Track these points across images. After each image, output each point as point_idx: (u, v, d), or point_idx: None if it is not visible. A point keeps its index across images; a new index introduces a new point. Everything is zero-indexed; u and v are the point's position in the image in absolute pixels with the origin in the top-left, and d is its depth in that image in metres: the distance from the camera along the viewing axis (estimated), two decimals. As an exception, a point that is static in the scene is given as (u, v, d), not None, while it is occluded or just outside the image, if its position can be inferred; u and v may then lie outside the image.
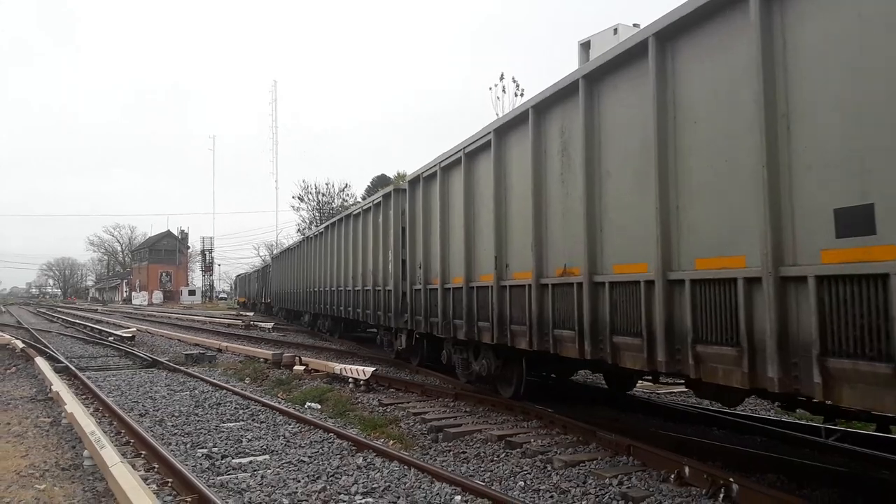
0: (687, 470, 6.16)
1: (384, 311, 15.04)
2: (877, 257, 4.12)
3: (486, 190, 9.58)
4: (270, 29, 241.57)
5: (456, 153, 10.61)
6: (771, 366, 4.81)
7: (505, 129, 9.14)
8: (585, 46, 43.48)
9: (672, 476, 6.22)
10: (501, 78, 36.93)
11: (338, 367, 13.23)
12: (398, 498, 5.96)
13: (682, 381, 8.31)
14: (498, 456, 7.44)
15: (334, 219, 22.54)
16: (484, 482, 6.40)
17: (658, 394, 11.31)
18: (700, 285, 5.56)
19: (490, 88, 40.26)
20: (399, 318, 13.86)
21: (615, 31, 41.62)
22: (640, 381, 10.87)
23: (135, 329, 26.80)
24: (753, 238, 5.00)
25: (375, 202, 16.23)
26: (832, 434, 7.53)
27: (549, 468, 6.84)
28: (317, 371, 14.18)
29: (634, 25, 41.19)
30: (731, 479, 5.73)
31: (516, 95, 34.28)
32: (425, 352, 13.85)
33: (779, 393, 4.88)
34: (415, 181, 12.80)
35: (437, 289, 11.37)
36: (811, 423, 8.18)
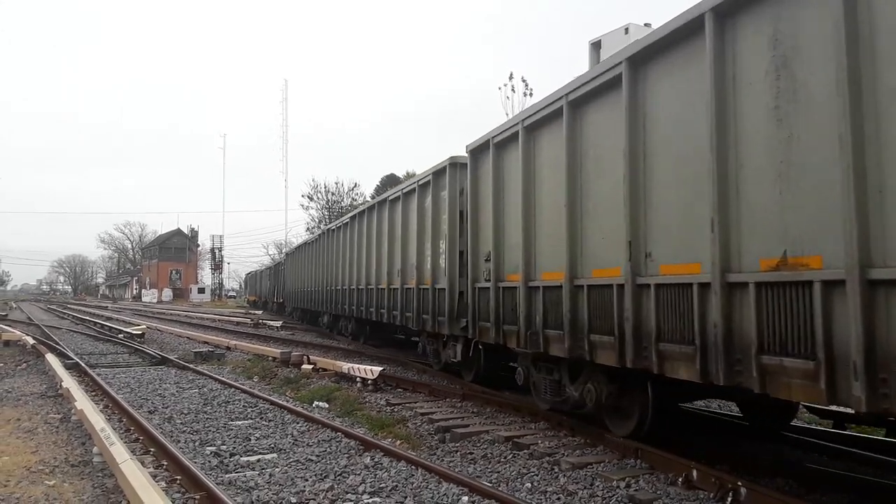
0: (695, 473, 6.14)
1: (432, 314, 12.53)
2: None
3: (602, 151, 7.15)
4: (281, 27, 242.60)
5: (552, 103, 8.01)
6: None
7: (651, 53, 6.39)
8: (596, 46, 43.63)
9: (680, 479, 6.20)
10: (511, 77, 36.95)
11: (346, 366, 13.26)
12: (405, 498, 5.97)
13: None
14: (505, 457, 7.43)
15: (362, 207, 20.19)
16: (491, 483, 6.40)
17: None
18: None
19: (500, 88, 40.31)
20: (454, 323, 11.60)
21: (626, 30, 41.78)
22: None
23: (144, 326, 26.92)
24: None
25: (422, 181, 13.41)
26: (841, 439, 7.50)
27: (556, 470, 6.83)
28: (325, 370, 14.21)
29: (646, 25, 41.24)
30: (740, 483, 5.71)
31: (525, 95, 34.28)
32: (482, 365, 11.59)
33: None
34: (481, 150, 10.24)
35: (515, 287, 8.92)
36: (819, 427, 8.14)
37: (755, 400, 6.68)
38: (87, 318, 37.13)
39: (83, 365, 14.88)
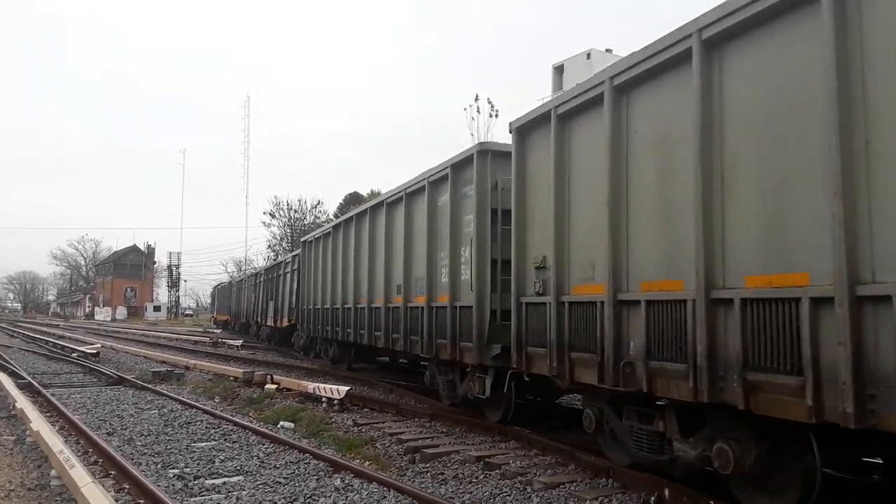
0: (667, 492, 6.17)
1: (451, 338, 10.22)
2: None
3: (745, 116, 5.26)
4: (243, 43, 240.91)
5: (661, 51, 5.99)
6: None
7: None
8: (559, 70, 44.46)
9: (652, 498, 6.23)
10: (476, 99, 37.22)
11: (311, 385, 13.07)
12: (378, 520, 5.86)
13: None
14: (476, 477, 7.37)
15: (351, 213, 16.98)
16: (464, 504, 6.34)
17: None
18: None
19: (465, 109, 40.62)
20: (484, 350, 9.40)
21: (588, 55, 42.64)
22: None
23: (99, 345, 26.19)
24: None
25: (434, 176, 11.23)
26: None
27: (528, 490, 6.80)
28: (289, 390, 13.98)
29: (607, 51, 42.13)
30: (711, 502, 5.76)
31: (491, 116, 34.56)
32: (513, 402, 9.56)
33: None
34: (534, 126, 8.09)
35: (592, 303, 6.86)
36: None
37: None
38: (39, 336, 35.94)
39: (36, 385, 14.38)
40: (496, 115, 34.75)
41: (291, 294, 24.53)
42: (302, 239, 21.86)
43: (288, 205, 65.18)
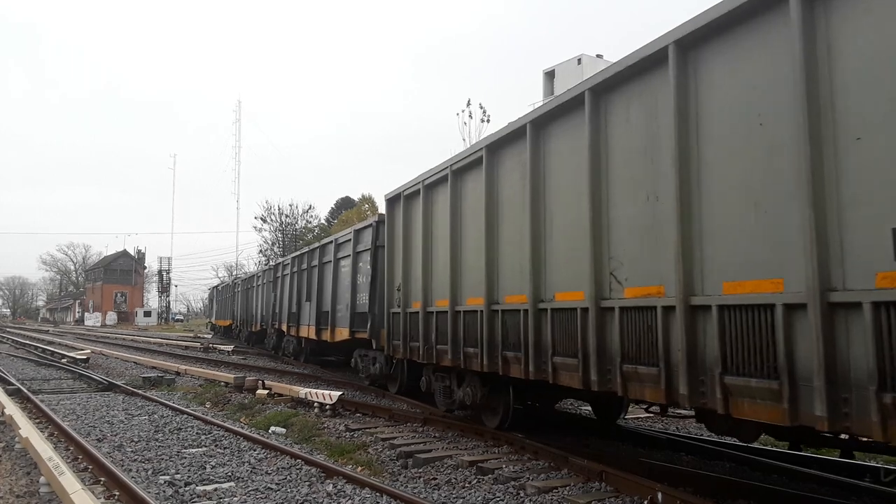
0: (660, 496, 6.17)
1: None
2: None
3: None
4: (235, 48, 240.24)
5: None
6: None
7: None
8: (550, 75, 44.61)
9: (645, 502, 6.23)
10: (468, 104, 37.35)
11: (303, 391, 13.01)
12: (371, 526, 5.83)
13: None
14: (469, 482, 7.35)
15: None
16: (457, 509, 6.30)
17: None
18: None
19: (457, 114, 40.65)
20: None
21: (579, 60, 42.82)
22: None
23: (89, 351, 26.02)
24: None
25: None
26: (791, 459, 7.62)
27: (521, 494, 6.78)
28: (280, 395, 13.92)
29: (598, 56, 42.28)
30: (705, 506, 5.77)
31: (483, 121, 34.64)
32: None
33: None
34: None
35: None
36: (776, 448, 8.29)
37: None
38: (28, 342, 35.68)
39: (25, 391, 14.26)
40: (488, 120, 34.89)
41: (356, 291, 15.26)
42: (388, 195, 12.37)
43: (279, 209, 65.11)
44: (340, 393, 12.33)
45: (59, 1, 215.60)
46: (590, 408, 11.27)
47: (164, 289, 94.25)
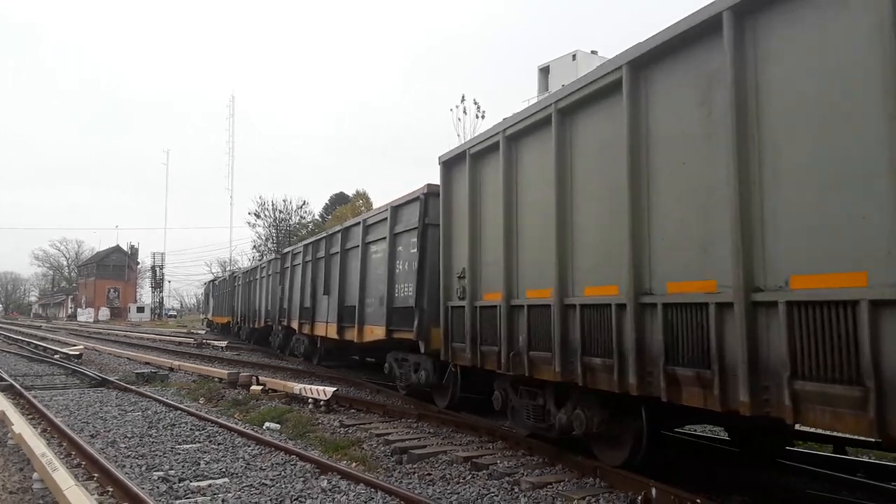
0: (654, 491, 6.19)
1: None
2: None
3: None
4: (228, 42, 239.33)
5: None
6: None
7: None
8: (545, 71, 44.62)
9: (639, 498, 6.25)
10: (463, 100, 37.34)
11: (297, 386, 13.00)
12: (365, 521, 5.83)
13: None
14: (464, 478, 7.36)
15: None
16: (452, 505, 6.31)
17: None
18: None
19: (451, 110, 40.77)
20: None
21: (574, 57, 42.82)
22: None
23: (82, 346, 25.91)
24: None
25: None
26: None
27: (516, 490, 6.80)
28: (275, 391, 13.90)
29: (593, 52, 42.30)
30: (698, 501, 5.78)
31: (477, 117, 34.62)
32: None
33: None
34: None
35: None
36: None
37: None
38: (20, 337, 35.52)
39: (18, 387, 14.21)
40: (482, 116, 34.89)
41: (393, 281, 12.48)
42: (444, 156, 10.14)
43: (273, 205, 64.94)
44: (335, 389, 12.32)
45: (58, 1, 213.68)
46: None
47: (158, 284, 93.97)
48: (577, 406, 7.21)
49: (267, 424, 10.82)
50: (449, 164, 10.13)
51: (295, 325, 20.61)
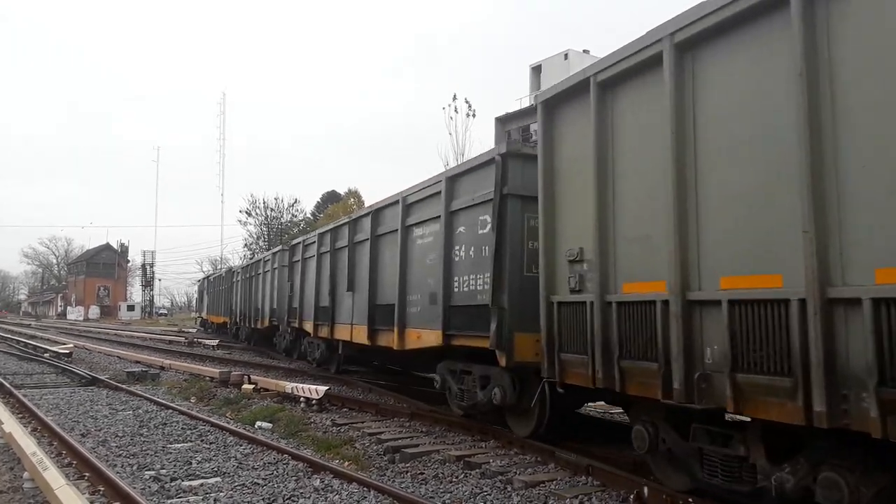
0: (646, 490, 6.22)
1: None
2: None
3: None
4: (219, 39, 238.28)
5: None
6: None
7: None
8: (537, 70, 44.67)
9: (632, 496, 6.27)
10: (454, 98, 37.34)
11: (289, 385, 12.97)
12: (358, 521, 5.83)
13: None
14: (457, 477, 7.37)
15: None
16: (445, 504, 6.32)
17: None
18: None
19: (443, 108, 40.61)
20: None
21: (566, 56, 42.89)
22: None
23: (72, 345, 25.78)
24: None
25: None
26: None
27: (509, 489, 6.81)
28: (266, 390, 13.87)
29: (584, 51, 42.36)
30: (690, 500, 5.81)
31: (468, 115, 34.66)
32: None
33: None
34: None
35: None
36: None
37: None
38: (9, 336, 35.29)
39: (7, 385, 14.12)
40: (473, 115, 34.89)
41: (450, 272, 9.89)
42: (542, 95, 7.47)
43: (265, 203, 64.82)
44: (327, 388, 12.30)
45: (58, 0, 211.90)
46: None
47: (148, 283, 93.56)
48: (831, 469, 4.49)
49: (259, 423, 10.79)
50: (552, 105, 7.33)
51: (308, 326, 17.60)
